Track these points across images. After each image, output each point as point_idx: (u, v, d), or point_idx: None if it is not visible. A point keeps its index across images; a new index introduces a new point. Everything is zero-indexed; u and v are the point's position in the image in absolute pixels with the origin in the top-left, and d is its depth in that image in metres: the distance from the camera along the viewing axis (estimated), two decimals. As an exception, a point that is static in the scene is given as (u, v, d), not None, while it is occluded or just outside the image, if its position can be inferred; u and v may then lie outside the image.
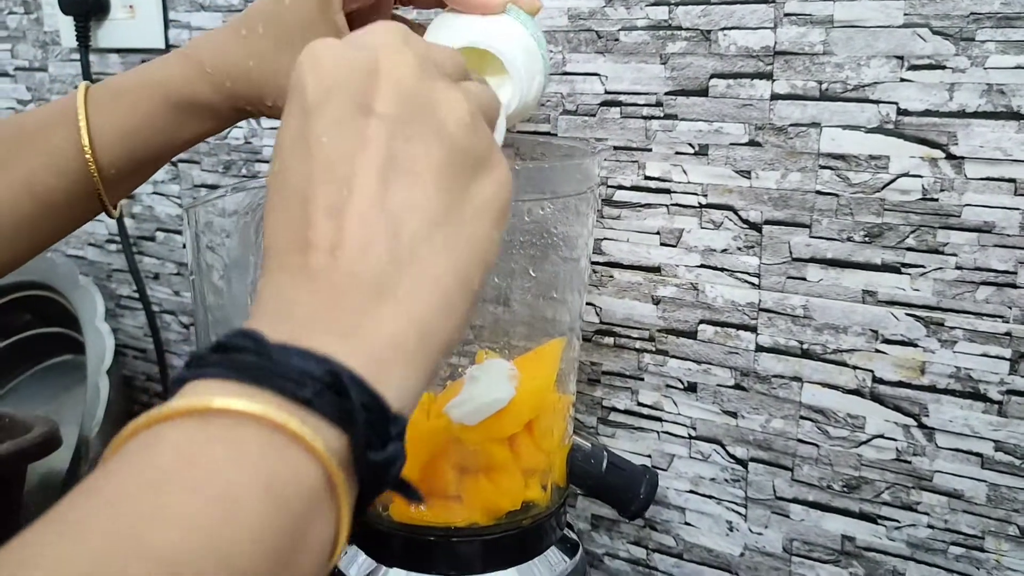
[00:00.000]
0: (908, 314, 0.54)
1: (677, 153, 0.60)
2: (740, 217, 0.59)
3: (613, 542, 0.69)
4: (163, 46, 0.82)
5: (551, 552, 0.53)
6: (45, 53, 0.91)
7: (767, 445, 0.61)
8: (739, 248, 0.59)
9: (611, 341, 0.65)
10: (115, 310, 0.95)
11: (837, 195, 0.55)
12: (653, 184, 0.61)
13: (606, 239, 0.64)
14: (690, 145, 0.59)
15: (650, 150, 0.61)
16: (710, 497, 0.64)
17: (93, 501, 0.22)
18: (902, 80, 0.52)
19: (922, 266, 0.53)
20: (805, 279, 0.57)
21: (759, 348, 0.59)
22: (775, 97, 0.56)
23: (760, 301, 0.59)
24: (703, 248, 0.60)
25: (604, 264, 0.64)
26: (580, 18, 0.62)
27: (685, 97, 0.59)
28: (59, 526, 0.21)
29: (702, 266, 0.60)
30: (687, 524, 0.65)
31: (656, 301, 0.63)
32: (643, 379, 0.64)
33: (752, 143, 0.57)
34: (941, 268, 0.53)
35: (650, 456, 0.65)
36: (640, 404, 0.65)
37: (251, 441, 0.23)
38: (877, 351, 0.56)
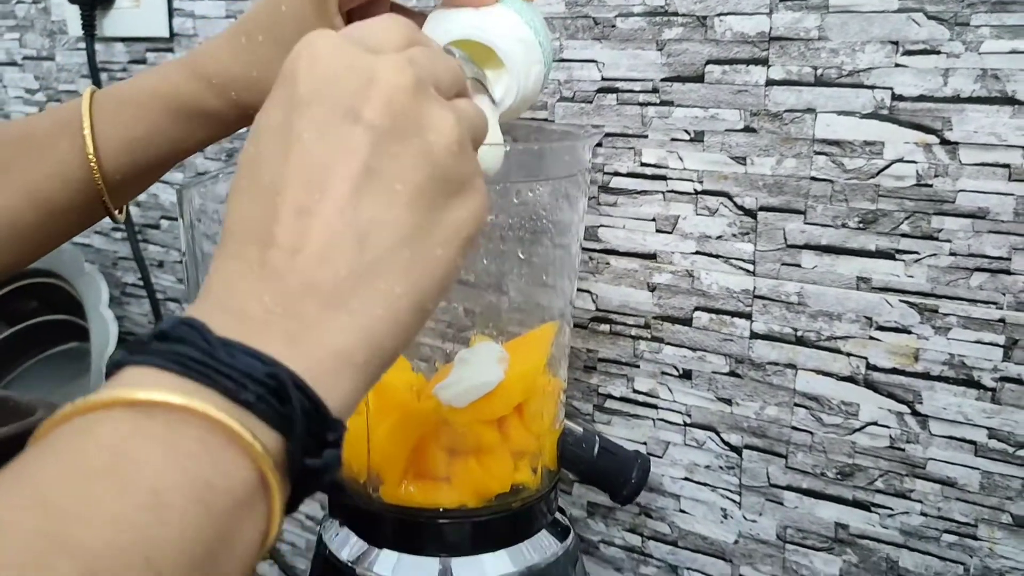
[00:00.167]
0: (902, 301, 0.54)
1: (673, 140, 0.60)
2: (735, 203, 0.58)
3: (609, 529, 0.69)
4: (167, 35, 0.83)
5: (542, 535, 0.54)
6: (52, 42, 0.92)
7: (761, 432, 0.60)
8: (734, 235, 0.59)
9: (607, 328, 0.65)
10: (120, 297, 0.96)
11: (832, 181, 0.55)
12: (649, 171, 0.61)
13: (602, 226, 0.64)
14: (686, 132, 0.59)
15: (646, 137, 0.61)
16: (705, 484, 0.64)
17: (22, 493, 0.21)
18: (897, 65, 0.52)
19: (916, 252, 0.53)
20: (800, 266, 0.57)
21: (753, 335, 0.59)
22: (770, 83, 0.56)
23: (755, 288, 0.59)
24: (698, 235, 0.60)
25: (601, 251, 0.64)
26: (577, 4, 0.62)
27: (681, 83, 0.59)
28: None
29: (697, 253, 0.60)
30: (682, 511, 0.65)
31: (652, 288, 0.63)
32: (639, 366, 0.65)
33: (747, 129, 0.57)
34: (935, 254, 0.53)
35: (645, 443, 0.65)
36: (636, 391, 0.65)
37: (187, 440, 0.23)
38: (871, 338, 0.55)
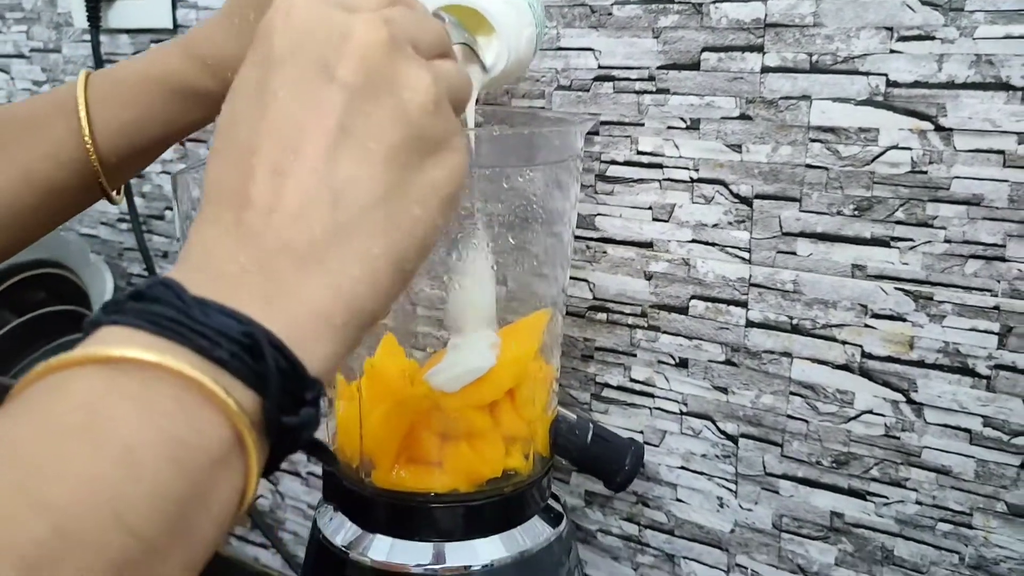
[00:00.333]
0: (897, 288, 0.54)
1: (669, 128, 0.60)
2: (731, 191, 0.58)
3: (606, 518, 0.69)
4: (171, 26, 0.83)
5: (534, 521, 0.54)
6: (59, 34, 0.93)
7: (757, 421, 0.60)
8: (730, 223, 0.59)
9: (604, 317, 0.65)
10: (126, 288, 0.97)
11: (827, 168, 0.55)
12: (646, 159, 0.61)
13: (599, 215, 0.64)
14: (682, 119, 0.59)
15: (643, 125, 0.61)
16: (701, 473, 0.64)
17: None
18: (891, 51, 0.52)
19: (911, 239, 0.53)
20: (795, 253, 0.57)
21: (749, 323, 0.59)
22: (765, 70, 0.56)
23: (751, 276, 0.59)
24: (694, 223, 0.60)
25: (598, 240, 0.64)
26: (574, -7, 0.62)
27: (677, 71, 0.59)
28: None
29: (693, 241, 0.60)
30: (678, 500, 0.65)
31: (648, 277, 0.63)
32: (635, 355, 0.65)
33: (743, 117, 0.57)
34: (930, 242, 0.52)
35: (642, 432, 0.65)
36: (633, 380, 0.65)
37: (160, 397, 0.23)
38: (866, 326, 0.55)
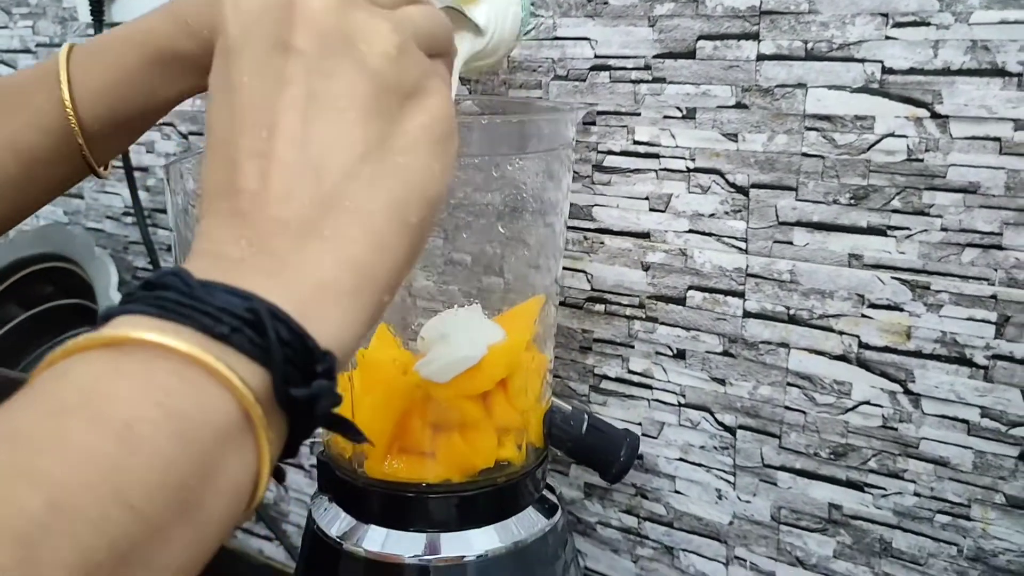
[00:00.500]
0: (894, 278, 0.53)
1: (665, 117, 0.59)
2: (727, 181, 0.58)
3: (605, 511, 0.69)
4: (173, 20, 0.84)
5: (529, 512, 0.54)
6: (64, 29, 0.93)
7: (755, 412, 0.60)
8: (726, 212, 0.58)
9: (602, 308, 0.65)
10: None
11: (823, 157, 0.54)
12: (642, 149, 0.61)
13: (596, 205, 0.63)
14: (678, 109, 0.59)
15: (639, 114, 0.60)
16: (699, 465, 0.63)
17: None
18: (887, 38, 0.51)
19: (908, 228, 0.52)
20: (792, 243, 0.56)
21: (746, 314, 0.59)
22: (761, 58, 0.55)
23: (747, 266, 0.58)
24: (691, 213, 0.60)
25: (595, 230, 0.64)
26: (570, -18, 0.61)
27: (673, 60, 0.58)
28: None
29: (690, 231, 0.60)
30: (677, 492, 0.65)
31: (646, 267, 0.62)
32: (633, 346, 0.64)
33: (739, 105, 0.57)
34: (926, 230, 0.52)
35: (640, 424, 0.65)
36: (631, 371, 0.65)
37: (163, 374, 0.23)
38: (863, 316, 0.55)
